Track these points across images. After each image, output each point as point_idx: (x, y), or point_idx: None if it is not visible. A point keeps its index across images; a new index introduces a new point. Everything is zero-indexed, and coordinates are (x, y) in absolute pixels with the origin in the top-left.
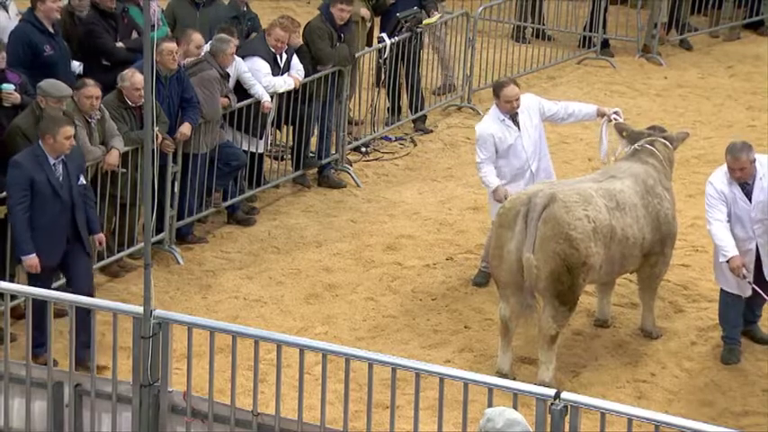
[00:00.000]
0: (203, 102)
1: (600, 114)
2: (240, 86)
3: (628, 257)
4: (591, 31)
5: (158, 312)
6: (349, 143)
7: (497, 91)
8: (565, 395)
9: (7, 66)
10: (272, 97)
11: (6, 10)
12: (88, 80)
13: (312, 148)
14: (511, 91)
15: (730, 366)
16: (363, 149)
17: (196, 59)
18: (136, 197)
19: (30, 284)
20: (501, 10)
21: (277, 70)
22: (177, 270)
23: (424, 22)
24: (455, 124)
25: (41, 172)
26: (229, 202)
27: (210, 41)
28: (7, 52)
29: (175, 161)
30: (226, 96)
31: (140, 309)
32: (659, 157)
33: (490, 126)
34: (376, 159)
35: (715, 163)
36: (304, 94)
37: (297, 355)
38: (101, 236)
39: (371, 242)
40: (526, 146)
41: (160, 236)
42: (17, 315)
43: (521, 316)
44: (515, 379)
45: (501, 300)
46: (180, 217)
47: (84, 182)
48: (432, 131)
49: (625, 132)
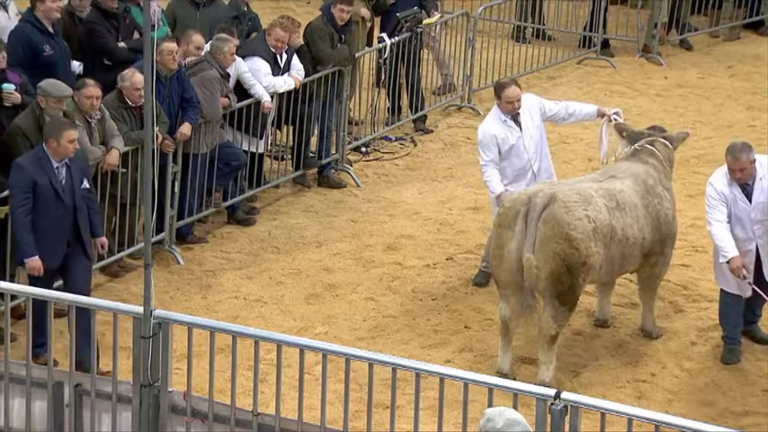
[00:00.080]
0: (203, 102)
1: (600, 114)
2: (240, 86)
3: (628, 257)
4: (591, 31)
5: (158, 312)
6: (349, 143)
7: (499, 92)
8: (565, 395)
9: (7, 66)
10: (273, 97)
11: (6, 10)
12: (88, 80)
13: (312, 148)
14: (512, 92)
15: (730, 366)
16: (363, 149)
17: (196, 59)
18: (136, 197)
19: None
20: (501, 10)
21: (277, 70)
22: (177, 270)
23: (424, 22)
24: (455, 124)
25: (44, 175)
26: (229, 202)
27: (211, 41)
28: (7, 52)
29: (175, 161)
30: (226, 96)
31: (140, 309)
32: (659, 157)
33: (492, 127)
34: (376, 159)
35: (715, 163)
36: (304, 94)
37: (297, 355)
38: (103, 239)
39: (371, 242)
40: (528, 146)
41: (160, 236)
42: (17, 315)
43: (521, 316)
44: (515, 379)
45: (501, 300)
46: (180, 217)
47: (87, 185)
48: (432, 131)
49: (625, 132)
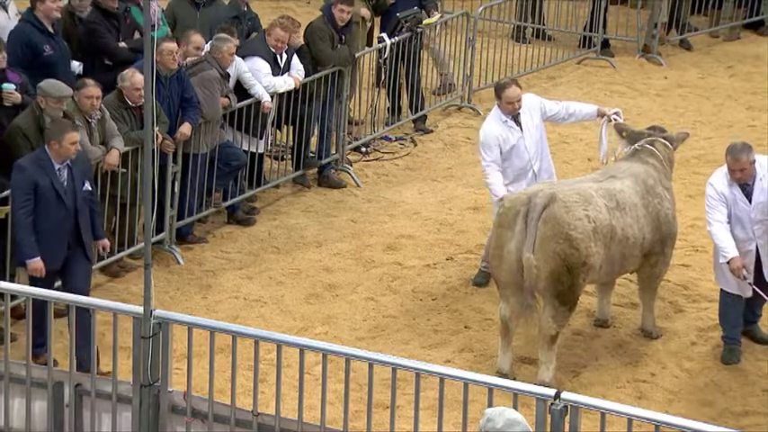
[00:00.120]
0: (203, 102)
1: (600, 114)
2: (240, 86)
3: (628, 257)
4: (591, 31)
5: (158, 312)
6: (349, 143)
7: (499, 92)
8: (565, 395)
9: (7, 65)
10: (273, 97)
11: (6, 10)
12: (88, 80)
13: (312, 148)
14: (513, 92)
15: (730, 366)
16: (363, 149)
17: (196, 59)
18: (136, 197)
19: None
20: (501, 10)
21: (277, 70)
22: (177, 270)
23: (424, 22)
24: (455, 124)
25: (45, 176)
26: (229, 202)
27: (211, 41)
28: (7, 52)
29: (175, 161)
30: (226, 96)
31: (140, 309)
32: (659, 158)
33: (493, 127)
34: (376, 159)
35: (715, 163)
36: (304, 94)
37: (297, 355)
38: (105, 242)
39: (371, 242)
40: (528, 146)
41: (160, 236)
42: (17, 315)
43: (521, 316)
44: (515, 379)
45: (501, 300)
46: (180, 217)
47: (89, 188)
48: (432, 131)
49: (625, 133)
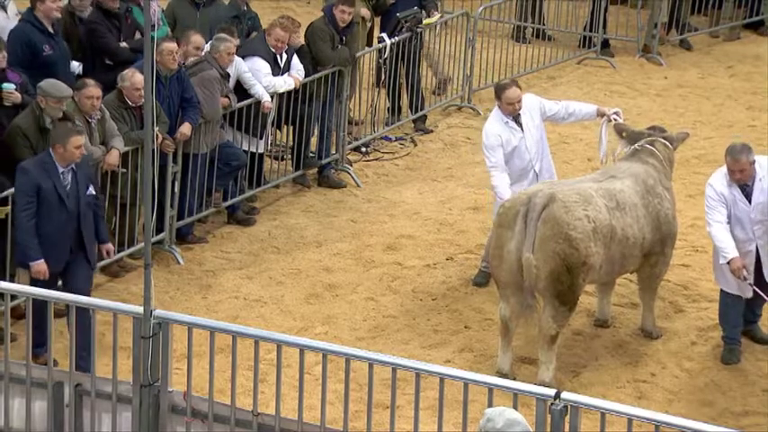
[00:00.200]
0: (203, 102)
1: (600, 114)
2: (240, 86)
3: (628, 257)
4: (591, 31)
5: (158, 312)
6: (349, 143)
7: (499, 93)
8: (565, 395)
9: (7, 65)
10: (273, 97)
11: (5, 10)
12: (88, 80)
13: (312, 148)
14: (513, 93)
15: (730, 366)
16: (363, 149)
17: (197, 59)
18: (136, 197)
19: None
20: (501, 10)
21: (277, 70)
22: (177, 270)
23: (424, 22)
24: (455, 124)
25: (48, 179)
26: (229, 202)
27: (211, 41)
28: (7, 52)
29: (175, 161)
30: (226, 96)
31: (140, 309)
32: (659, 157)
33: (495, 128)
34: (376, 159)
35: (715, 163)
36: (304, 94)
37: (297, 355)
38: (109, 246)
39: (371, 242)
40: (529, 146)
41: (160, 236)
42: (17, 315)
43: (521, 316)
44: (515, 379)
45: (501, 300)
46: (180, 217)
47: (93, 192)
48: (432, 131)
49: (625, 133)
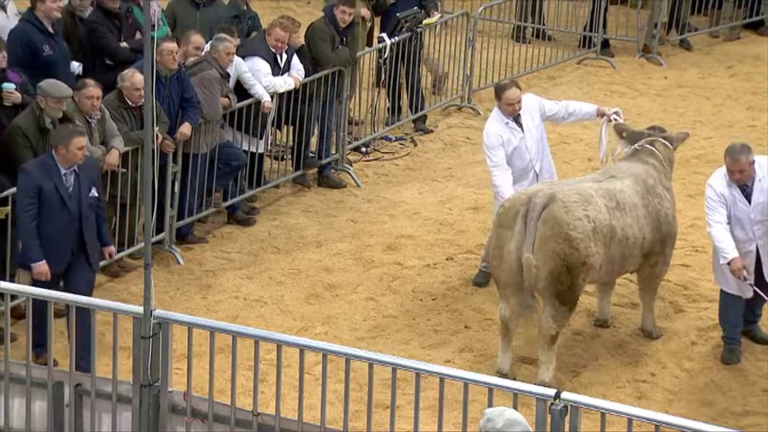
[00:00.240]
0: (203, 102)
1: (600, 114)
2: (240, 86)
3: (628, 257)
4: (591, 31)
5: (158, 312)
6: (349, 143)
7: (499, 93)
8: (565, 395)
9: (7, 65)
10: (273, 97)
11: (5, 10)
12: (89, 80)
13: (312, 148)
14: (513, 93)
15: (730, 366)
16: (363, 149)
17: (197, 59)
18: (136, 197)
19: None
20: (501, 10)
21: (277, 70)
22: (177, 270)
23: (424, 22)
24: (455, 124)
25: (50, 181)
26: (229, 202)
27: (211, 41)
28: (7, 52)
29: (175, 161)
30: (226, 96)
31: (140, 309)
32: (659, 157)
33: (496, 129)
34: (376, 159)
35: (715, 163)
36: (304, 94)
37: (297, 355)
38: (111, 248)
39: (371, 242)
40: (530, 146)
41: (160, 236)
42: (17, 315)
43: (521, 316)
44: (515, 379)
45: (501, 300)
46: (180, 217)
47: (95, 194)
48: (432, 131)
49: (625, 133)
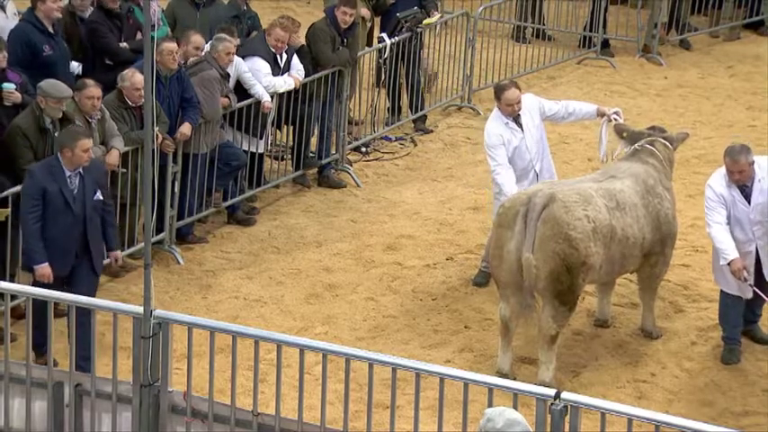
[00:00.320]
0: (203, 102)
1: (600, 114)
2: (240, 86)
3: (628, 257)
4: (591, 31)
5: (158, 312)
6: (349, 143)
7: (498, 94)
8: (565, 395)
9: (7, 65)
10: (273, 97)
11: (4, 10)
12: (89, 80)
13: (312, 148)
14: (512, 94)
15: (730, 366)
16: (363, 149)
17: (197, 59)
18: (136, 197)
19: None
20: (501, 10)
21: (277, 70)
22: (177, 270)
23: (424, 22)
24: (455, 124)
25: (54, 183)
26: (229, 202)
27: (211, 41)
28: (7, 51)
29: (175, 161)
30: (226, 96)
31: (140, 309)
32: (659, 158)
33: (496, 128)
34: (376, 159)
35: (715, 163)
36: (304, 94)
37: (297, 355)
38: (117, 253)
39: (371, 242)
40: (530, 147)
41: (160, 236)
42: (17, 315)
43: (521, 316)
44: (515, 379)
45: (501, 300)
46: (180, 217)
47: (101, 197)
48: (432, 131)
49: (625, 133)
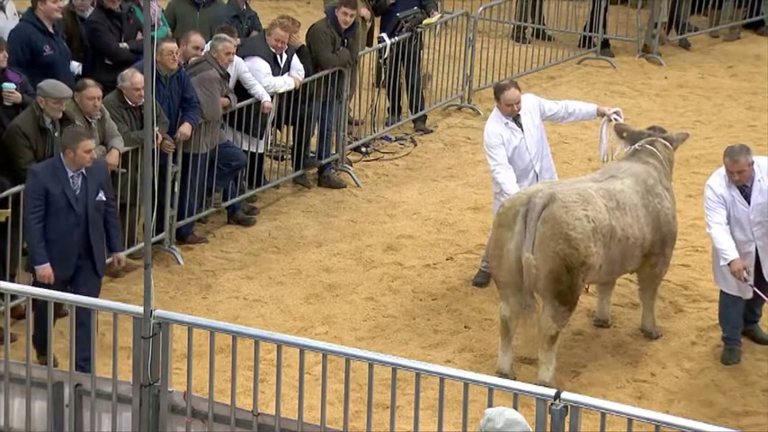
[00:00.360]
0: (203, 102)
1: (600, 114)
2: (240, 86)
3: (628, 257)
4: (591, 31)
5: (158, 312)
6: (349, 143)
7: (498, 94)
8: (565, 395)
9: (7, 65)
10: (273, 97)
11: (4, 10)
12: (88, 81)
13: (312, 148)
14: (512, 94)
15: (730, 366)
16: (363, 149)
17: (197, 59)
18: (136, 197)
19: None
20: (501, 10)
21: (277, 70)
22: (177, 270)
23: (424, 22)
24: (455, 124)
25: (57, 183)
26: (229, 202)
27: (210, 41)
28: (7, 51)
29: (175, 161)
30: (226, 96)
31: (140, 309)
32: (659, 158)
33: (496, 128)
34: (376, 159)
35: (715, 163)
36: (304, 94)
37: (297, 355)
38: (120, 255)
39: (371, 242)
40: (530, 147)
41: (160, 236)
42: (17, 315)
43: (521, 316)
44: (515, 379)
45: (501, 300)
46: (180, 217)
47: (103, 198)
48: (432, 131)
49: (625, 133)
